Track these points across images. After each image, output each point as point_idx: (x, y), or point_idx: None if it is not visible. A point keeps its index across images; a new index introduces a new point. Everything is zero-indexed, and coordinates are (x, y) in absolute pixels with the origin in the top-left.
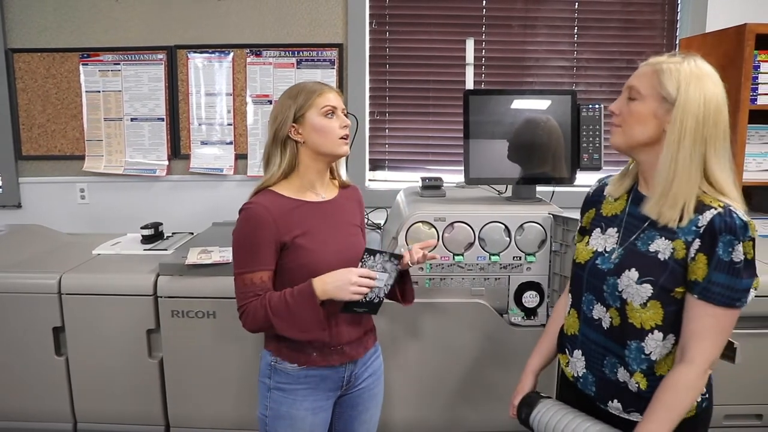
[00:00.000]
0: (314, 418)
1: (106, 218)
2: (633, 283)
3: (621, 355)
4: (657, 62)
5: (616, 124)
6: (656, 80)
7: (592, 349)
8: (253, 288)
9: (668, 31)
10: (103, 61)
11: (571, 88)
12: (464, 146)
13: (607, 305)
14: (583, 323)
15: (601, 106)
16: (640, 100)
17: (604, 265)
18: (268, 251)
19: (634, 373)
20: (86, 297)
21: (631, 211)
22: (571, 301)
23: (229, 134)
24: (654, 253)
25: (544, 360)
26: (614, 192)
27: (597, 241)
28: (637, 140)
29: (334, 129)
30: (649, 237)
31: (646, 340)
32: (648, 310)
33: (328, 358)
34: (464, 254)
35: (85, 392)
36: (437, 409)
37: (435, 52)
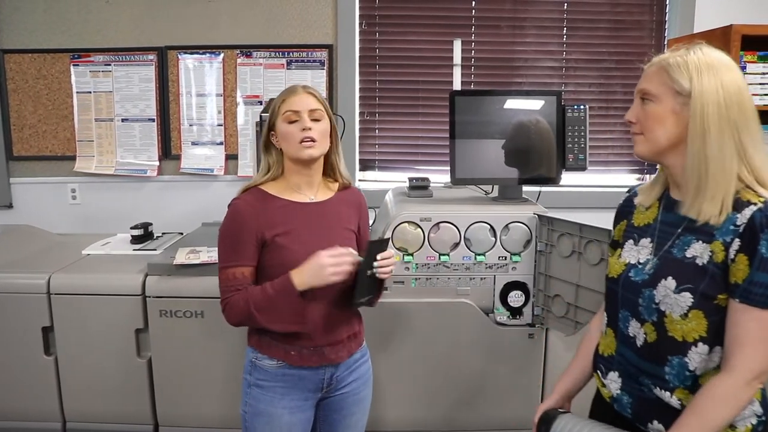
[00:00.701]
0: (291, 417)
1: (97, 218)
2: (671, 293)
3: (658, 374)
4: (662, 59)
5: (637, 132)
6: (666, 76)
7: (628, 369)
8: (234, 282)
9: (656, 31)
10: (93, 62)
11: (558, 88)
12: (450, 147)
13: (641, 320)
14: (620, 342)
15: (586, 106)
16: (655, 102)
17: (638, 277)
18: (250, 247)
19: (676, 389)
20: (75, 297)
21: (664, 218)
22: (607, 320)
23: (220, 135)
24: (691, 259)
25: (574, 382)
26: (645, 201)
27: (630, 253)
28: (662, 143)
29: (293, 134)
30: (685, 242)
31: (689, 354)
32: (690, 321)
33: (306, 359)
34: (450, 254)
35: (74, 392)
36: (425, 408)
37: (425, 52)
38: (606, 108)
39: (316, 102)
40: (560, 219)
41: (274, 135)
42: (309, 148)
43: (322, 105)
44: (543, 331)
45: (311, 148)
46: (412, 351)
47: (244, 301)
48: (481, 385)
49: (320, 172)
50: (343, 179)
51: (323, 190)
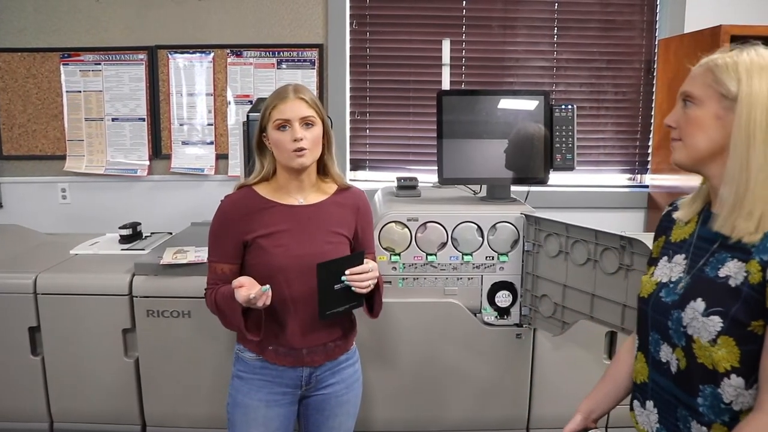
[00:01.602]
0: (268, 410)
1: (87, 218)
2: (699, 316)
3: (691, 405)
4: (710, 59)
5: (676, 138)
6: (711, 78)
7: (664, 398)
8: (214, 277)
9: (647, 31)
10: (83, 61)
11: (546, 88)
12: (438, 146)
13: (672, 345)
14: (651, 368)
15: (574, 106)
16: (698, 105)
17: (668, 298)
18: (231, 245)
19: (712, 424)
20: (62, 297)
21: (701, 233)
22: (638, 343)
23: (210, 134)
24: (724, 279)
25: (598, 404)
26: (684, 216)
27: (662, 270)
28: (702, 151)
29: (284, 143)
30: (720, 260)
31: (722, 386)
32: (719, 348)
33: (282, 358)
34: (437, 254)
35: (62, 392)
36: (412, 408)
37: (415, 52)
38: (597, 108)
39: (308, 108)
40: (547, 219)
41: (266, 137)
42: (300, 157)
43: (314, 109)
44: (531, 331)
45: (302, 157)
46: (399, 351)
47: (211, 299)
48: (468, 385)
49: (312, 175)
50: (339, 179)
51: (316, 192)
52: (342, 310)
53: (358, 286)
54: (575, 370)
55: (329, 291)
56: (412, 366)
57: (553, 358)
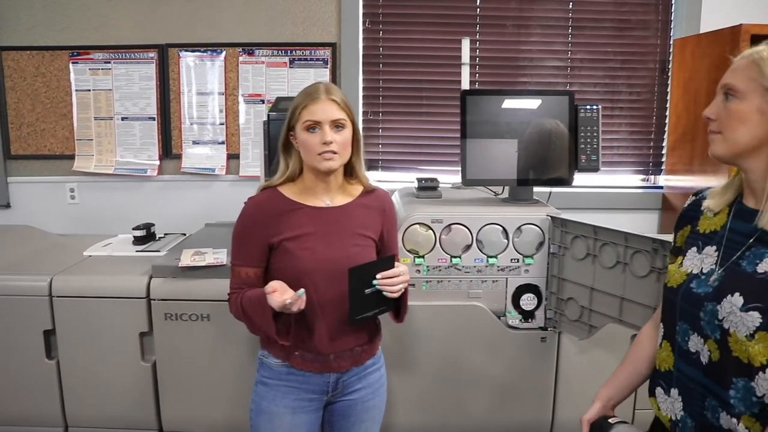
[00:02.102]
0: (294, 417)
1: (96, 218)
2: (737, 311)
3: (722, 396)
4: (754, 51)
5: (715, 130)
6: (756, 71)
7: (690, 387)
8: (238, 281)
9: (662, 31)
10: (93, 60)
11: (567, 88)
12: (461, 147)
13: (704, 336)
14: (678, 357)
15: (599, 107)
16: (740, 98)
17: (700, 289)
18: (255, 249)
19: (742, 416)
20: (78, 299)
21: (734, 226)
22: (663, 332)
23: (221, 134)
24: (763, 275)
25: (619, 389)
26: (715, 206)
27: (692, 261)
28: (743, 145)
29: (313, 145)
30: (757, 255)
31: (756, 380)
32: (757, 343)
33: (309, 364)
34: (461, 256)
35: (77, 396)
36: (435, 412)
37: (428, 51)
38: (611, 108)
39: (339, 110)
40: (574, 221)
41: (294, 136)
42: (327, 161)
43: (345, 112)
44: (555, 334)
45: (330, 161)
46: (422, 355)
47: (237, 305)
48: (492, 389)
49: (339, 177)
50: (364, 181)
51: (342, 194)
52: (371, 315)
53: (390, 291)
54: (600, 374)
55: (360, 295)
56: (436, 370)
57: (578, 362)
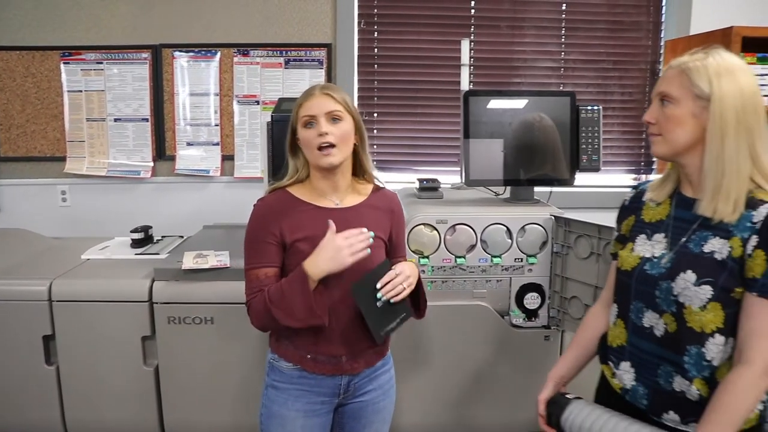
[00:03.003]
0: (306, 421)
1: (88, 221)
2: (691, 286)
3: (678, 362)
4: (682, 62)
5: (655, 133)
6: (686, 80)
7: (643, 359)
8: (258, 284)
9: (653, 33)
10: (85, 60)
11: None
12: (464, 147)
13: (660, 311)
14: (631, 333)
15: (600, 107)
16: (675, 104)
17: (654, 270)
18: (272, 248)
19: (694, 379)
20: (78, 304)
21: (677, 214)
22: (617, 311)
23: (216, 135)
24: (710, 254)
25: (569, 369)
26: (656, 197)
27: (643, 247)
28: (681, 144)
29: (311, 140)
30: (702, 238)
31: (707, 345)
32: (708, 313)
33: (321, 366)
34: (466, 256)
35: (77, 402)
36: (441, 412)
37: (423, 52)
38: (603, 109)
39: (334, 103)
40: (578, 220)
41: (298, 139)
42: (327, 156)
43: (342, 104)
44: (559, 333)
45: (329, 156)
46: (427, 354)
47: (263, 300)
48: (496, 387)
49: (347, 176)
50: (374, 181)
51: (351, 194)
52: (395, 326)
53: (395, 294)
54: None
55: (373, 310)
56: (441, 369)
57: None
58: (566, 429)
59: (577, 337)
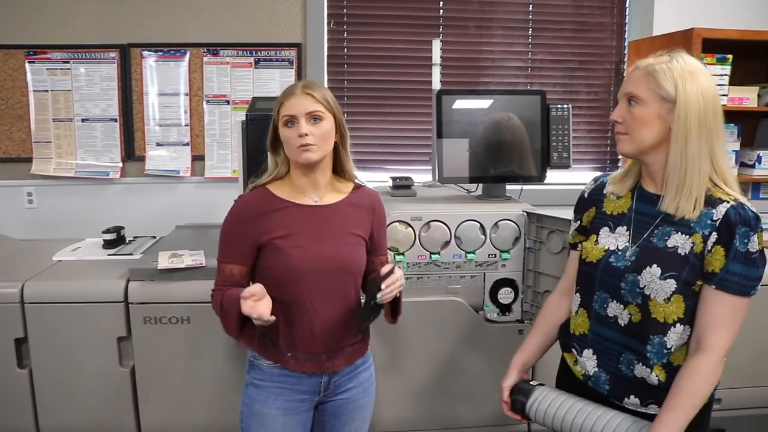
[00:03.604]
0: (286, 419)
1: (56, 223)
2: (656, 279)
3: (640, 351)
4: (648, 65)
5: (622, 132)
6: (653, 82)
7: (606, 347)
8: (223, 278)
9: (617, 33)
10: (51, 59)
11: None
12: (437, 146)
13: (625, 302)
14: (594, 322)
15: (569, 106)
16: (642, 105)
17: (619, 263)
18: (243, 247)
19: (654, 366)
20: (51, 305)
21: (639, 208)
22: (580, 301)
23: (186, 135)
24: (673, 249)
25: (530, 356)
26: (618, 190)
27: (607, 239)
28: (646, 144)
29: (291, 139)
30: (664, 233)
31: (668, 334)
32: (671, 305)
33: (302, 364)
34: (441, 253)
35: (51, 406)
36: (417, 406)
37: (392, 52)
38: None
39: (314, 102)
40: (549, 216)
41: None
42: (306, 152)
43: (323, 104)
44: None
45: (309, 152)
46: (403, 350)
47: (217, 301)
48: (471, 382)
49: (327, 174)
50: (354, 179)
51: (331, 192)
52: (372, 320)
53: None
54: None
55: (367, 307)
56: (417, 364)
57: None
58: (531, 415)
59: (538, 324)
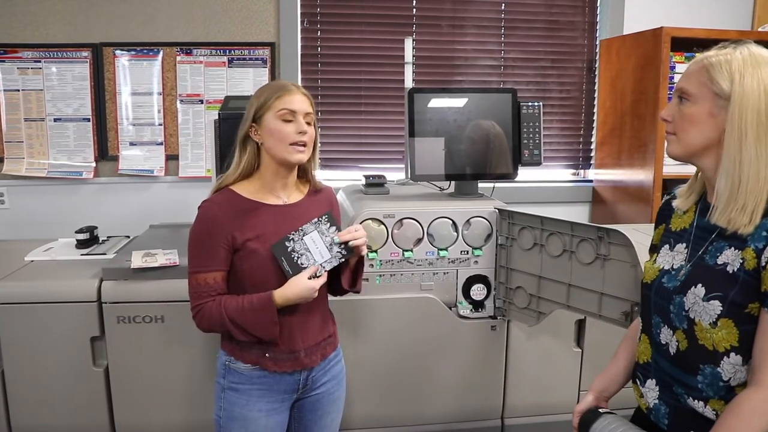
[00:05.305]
0: (268, 420)
1: (29, 223)
2: (699, 300)
3: (688, 384)
4: (705, 57)
5: (671, 132)
6: (706, 76)
7: (663, 377)
8: (207, 288)
9: (589, 32)
10: (22, 58)
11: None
12: (409, 144)
13: (673, 327)
14: (654, 349)
15: (540, 104)
16: (692, 102)
17: (670, 284)
18: (221, 252)
19: (709, 400)
20: (23, 306)
21: (699, 223)
22: (642, 326)
23: (160, 135)
24: (722, 266)
25: (610, 382)
26: (682, 205)
27: (664, 258)
28: (696, 146)
29: (287, 134)
30: (718, 249)
31: (722, 365)
32: (719, 330)
33: (281, 364)
34: (413, 250)
35: (23, 406)
36: (390, 403)
37: (366, 51)
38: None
39: (310, 106)
40: (521, 213)
41: (256, 129)
42: (299, 153)
43: (313, 111)
44: (505, 323)
45: (301, 153)
46: (376, 347)
47: (219, 313)
48: (445, 378)
49: (295, 174)
50: (314, 180)
51: (296, 191)
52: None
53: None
54: (547, 358)
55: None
56: (390, 361)
57: (526, 348)
58: None
59: (618, 349)
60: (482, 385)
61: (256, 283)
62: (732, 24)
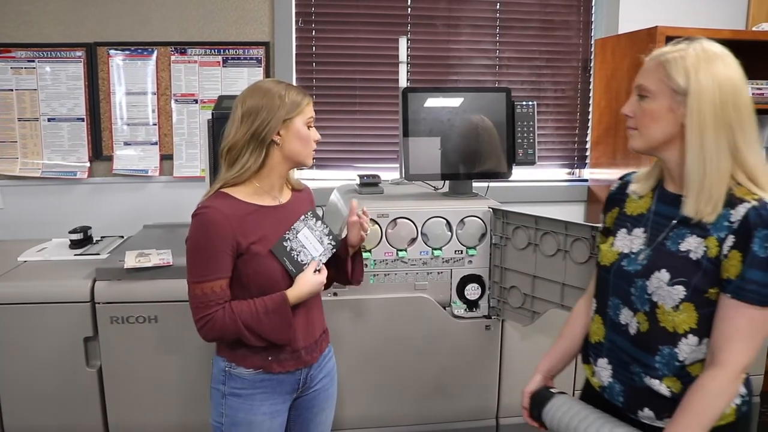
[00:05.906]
0: (272, 422)
1: (23, 223)
2: (664, 285)
3: (647, 363)
4: (660, 54)
5: (632, 127)
6: (663, 73)
7: (619, 356)
8: (214, 297)
9: (584, 31)
10: (15, 58)
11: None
12: (403, 143)
13: (634, 309)
14: (609, 329)
15: (534, 103)
16: (651, 98)
17: (630, 267)
18: (226, 258)
19: (663, 378)
20: (16, 306)
21: (658, 209)
22: (596, 306)
23: (154, 134)
24: (685, 253)
25: (555, 362)
26: (640, 190)
27: (623, 242)
28: (657, 140)
29: (311, 141)
30: (679, 236)
31: (679, 345)
32: (681, 313)
33: (284, 364)
34: (407, 249)
35: (16, 407)
36: (384, 403)
37: (361, 50)
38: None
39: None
40: (515, 212)
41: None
42: (313, 156)
43: None
44: (499, 322)
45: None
46: (371, 347)
47: (232, 321)
48: (439, 378)
49: None
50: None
51: (286, 191)
52: None
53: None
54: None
55: None
56: (384, 361)
57: (521, 348)
58: (547, 422)
59: (565, 329)
60: (477, 385)
61: (261, 286)
62: (726, 23)
